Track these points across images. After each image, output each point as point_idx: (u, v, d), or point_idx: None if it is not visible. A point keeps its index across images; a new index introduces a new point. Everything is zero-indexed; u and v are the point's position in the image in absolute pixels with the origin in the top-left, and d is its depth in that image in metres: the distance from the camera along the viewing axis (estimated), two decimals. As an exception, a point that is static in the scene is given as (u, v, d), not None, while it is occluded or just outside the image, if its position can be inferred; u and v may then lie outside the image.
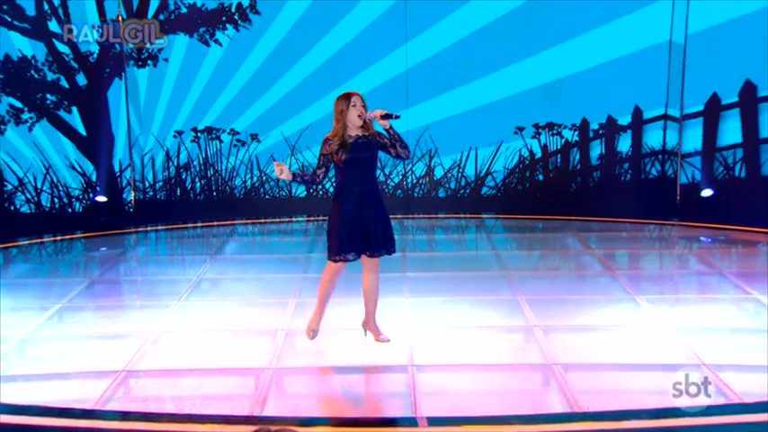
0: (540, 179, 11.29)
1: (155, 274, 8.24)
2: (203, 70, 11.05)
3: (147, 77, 10.97)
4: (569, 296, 6.97)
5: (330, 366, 5.49)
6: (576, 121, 11.09)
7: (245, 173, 11.32)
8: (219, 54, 11.01)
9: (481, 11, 10.90)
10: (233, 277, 8.01)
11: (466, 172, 11.34)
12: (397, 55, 10.99)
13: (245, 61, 11.04)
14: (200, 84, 11.07)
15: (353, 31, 10.95)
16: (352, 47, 10.97)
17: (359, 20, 10.94)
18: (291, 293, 7.11)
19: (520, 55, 10.92)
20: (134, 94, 10.95)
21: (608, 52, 10.79)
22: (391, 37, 10.95)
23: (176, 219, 11.12)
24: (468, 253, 9.31)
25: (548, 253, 9.13)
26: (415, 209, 11.37)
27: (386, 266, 8.09)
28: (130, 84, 10.89)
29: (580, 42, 10.82)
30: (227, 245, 9.84)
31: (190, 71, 11.03)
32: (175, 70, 10.99)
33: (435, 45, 10.96)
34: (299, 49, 11.00)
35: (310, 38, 10.98)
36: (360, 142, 5.50)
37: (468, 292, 7.10)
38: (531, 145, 11.21)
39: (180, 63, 10.97)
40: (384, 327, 5.99)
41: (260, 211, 11.33)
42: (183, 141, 11.24)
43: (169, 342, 6.01)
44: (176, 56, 10.98)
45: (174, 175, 11.27)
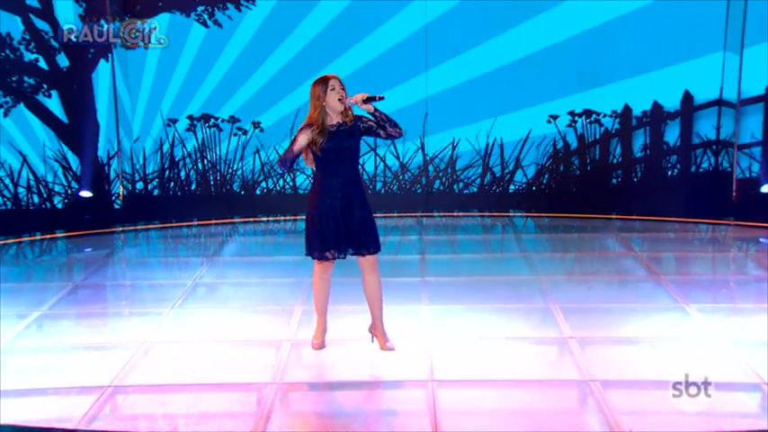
0: (575, 173, 11.25)
1: (145, 277, 8.26)
2: (200, 53, 11.07)
3: (137, 59, 11.02)
4: (609, 304, 6.94)
5: (341, 381, 5.50)
6: (616, 108, 11.03)
7: (247, 165, 11.34)
8: (219, 36, 11.02)
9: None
10: (233, 282, 8.02)
11: (492, 165, 11.31)
12: (416, 38, 10.98)
13: (247, 44, 11.05)
14: (197, 68, 11.09)
15: (374, 13, 10.96)
16: (374, 38, 10.98)
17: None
18: (298, 300, 7.13)
19: (552, 34, 10.89)
20: (122, 77, 10.99)
21: (654, 29, 10.73)
22: (411, 18, 10.95)
23: (170, 216, 11.15)
24: (495, 255, 9.29)
25: (584, 256, 9.09)
26: (435, 206, 11.35)
27: (403, 270, 8.14)
28: (118, 66, 10.93)
29: (621, 19, 10.78)
30: (227, 245, 9.85)
31: (186, 54, 11.06)
32: (169, 52, 11.02)
33: (457, 26, 10.94)
34: (307, 32, 11.00)
35: (320, 19, 10.99)
36: (342, 130, 5.54)
37: (494, 299, 7.09)
38: (565, 134, 11.17)
39: (174, 45, 11.00)
40: (400, 337, 5.99)
41: (263, 207, 11.35)
42: (178, 130, 11.27)
43: (161, 354, 6.02)
44: (170, 37, 11.00)
45: (167, 167, 11.30)
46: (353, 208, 5.57)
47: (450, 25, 10.93)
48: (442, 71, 11.05)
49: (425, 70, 11.00)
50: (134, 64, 11.01)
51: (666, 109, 10.96)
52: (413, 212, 11.27)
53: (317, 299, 5.81)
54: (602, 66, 10.85)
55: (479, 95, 11.05)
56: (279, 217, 11.28)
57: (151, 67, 11.09)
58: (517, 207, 11.29)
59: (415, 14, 10.97)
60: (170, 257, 9.54)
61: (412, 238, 10.17)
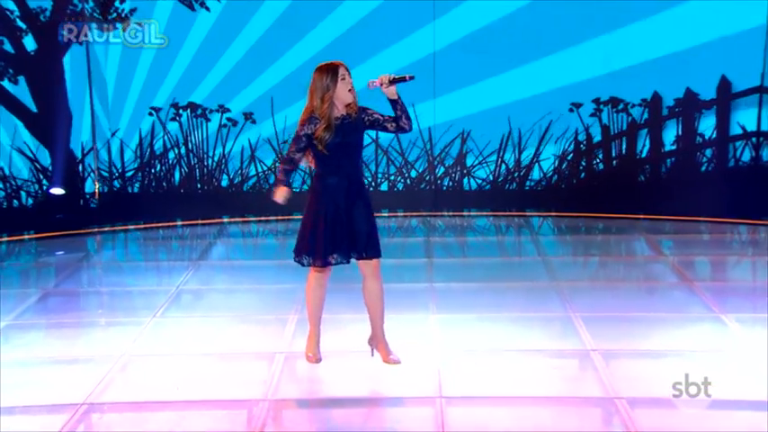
0: (599, 168, 11.24)
1: (124, 284, 8.27)
2: (188, 39, 11.07)
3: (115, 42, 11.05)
4: (636, 313, 6.93)
5: (339, 398, 5.49)
6: (645, 96, 11.03)
7: (238, 160, 11.34)
8: (208, 21, 11.02)
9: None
10: (221, 288, 8.02)
11: (506, 159, 11.31)
12: (424, 16, 10.98)
13: (242, 31, 11.05)
14: (184, 55, 11.11)
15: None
16: (372, 18, 10.99)
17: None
18: (293, 308, 7.12)
19: (576, 14, 10.88)
20: (99, 62, 10.99)
21: (687, 9, 10.72)
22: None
23: (151, 216, 11.16)
24: (510, 259, 9.28)
25: (609, 260, 9.08)
26: (444, 204, 11.35)
27: (408, 276, 8.13)
28: (94, 50, 10.94)
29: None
30: (215, 248, 9.85)
31: (172, 38, 11.05)
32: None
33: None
34: (308, 19, 11.01)
35: (321, 7, 10.99)
36: (346, 123, 5.52)
37: (509, 308, 7.09)
38: (589, 125, 11.16)
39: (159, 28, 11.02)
40: (405, 349, 5.99)
41: (254, 206, 11.36)
42: (162, 120, 11.27)
43: (141, 368, 6.02)
44: (154, 19, 11.00)
45: (149, 161, 11.31)
46: (357, 208, 5.57)
47: (464, 25, 10.94)
48: (450, 51, 11.04)
49: (433, 49, 10.98)
50: (111, 48, 11.01)
51: (701, 97, 10.95)
52: (419, 212, 11.25)
53: (312, 308, 5.80)
54: (630, 49, 10.84)
55: (493, 81, 11.04)
56: (271, 217, 11.27)
57: (131, 52, 11.10)
58: (534, 205, 11.30)
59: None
60: (151, 261, 9.53)
61: (418, 239, 10.15)
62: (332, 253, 5.58)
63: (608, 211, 10.91)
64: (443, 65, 11.04)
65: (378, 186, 11.29)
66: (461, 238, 10.26)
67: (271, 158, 11.35)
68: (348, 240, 5.57)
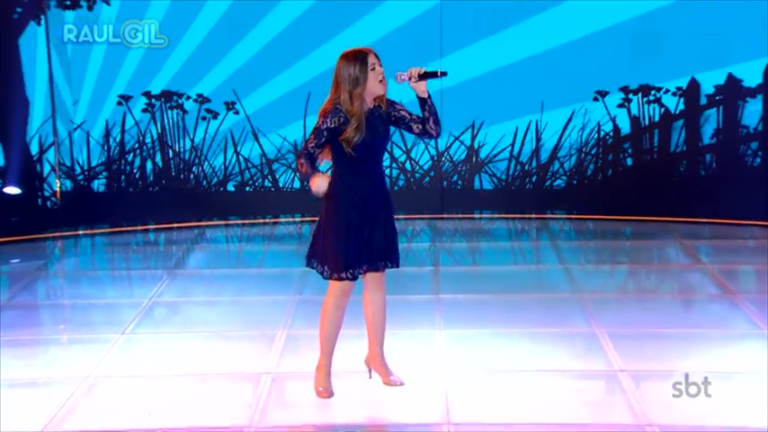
0: (628, 164, 11.22)
1: (89, 296, 8.26)
2: (160, 15, 11.07)
3: (79, 22, 11.00)
4: (670, 329, 6.92)
5: (333, 425, 5.46)
6: (681, 83, 11.01)
7: (219, 155, 11.33)
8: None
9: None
10: (199, 300, 8.02)
11: (523, 153, 11.30)
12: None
13: (225, 10, 11.05)
14: (156, 34, 11.11)
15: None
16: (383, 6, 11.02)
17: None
18: (280, 323, 7.12)
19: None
20: (60, 44, 10.98)
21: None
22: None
23: (120, 218, 11.14)
24: (527, 267, 9.28)
25: (639, 268, 9.07)
26: (452, 205, 11.34)
27: (411, 286, 8.13)
28: (54, 30, 10.93)
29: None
30: (192, 255, 9.85)
31: (139, 15, 11.02)
32: (126, 14, 10.97)
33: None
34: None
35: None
36: (375, 117, 5.52)
37: (526, 322, 7.08)
38: (616, 116, 11.15)
39: (132, 5, 10.99)
40: (408, 369, 5.97)
41: (237, 208, 11.35)
42: (131, 110, 11.27)
43: (109, 391, 6.00)
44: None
45: (117, 157, 11.30)
46: (382, 212, 5.57)
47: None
48: (460, 28, 11.03)
49: (440, 24, 10.98)
50: (74, 28, 11.01)
51: (745, 83, 10.94)
52: (424, 213, 11.25)
53: (329, 333, 5.71)
54: (663, 29, 10.83)
55: (508, 66, 11.03)
56: (257, 219, 11.25)
57: (98, 33, 11.10)
58: (554, 206, 11.28)
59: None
60: (120, 270, 9.53)
61: (423, 245, 10.15)
62: (362, 264, 5.55)
63: (638, 212, 10.91)
64: (451, 50, 11.03)
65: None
66: (471, 243, 10.25)
67: (256, 152, 11.32)
68: (373, 248, 5.56)
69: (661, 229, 10.46)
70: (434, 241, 10.23)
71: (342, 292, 5.62)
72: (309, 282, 8.17)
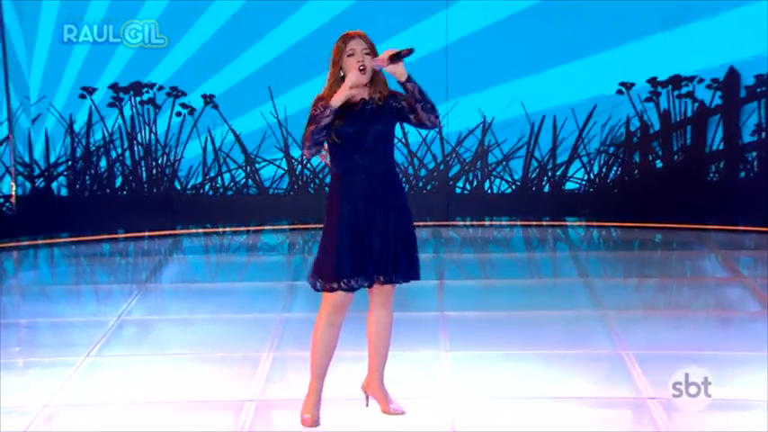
0: (657, 165, 11.24)
1: (49, 313, 8.25)
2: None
3: (34, 4, 11.03)
4: (706, 351, 6.92)
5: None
6: (717, 74, 11.04)
7: (197, 155, 11.35)
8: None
9: None
10: (174, 318, 8.02)
11: (539, 153, 11.33)
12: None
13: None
14: (127, 15, 11.13)
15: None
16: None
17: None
18: (265, 344, 7.11)
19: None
20: (13, 28, 11.00)
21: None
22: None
23: (85, 226, 11.16)
24: (543, 281, 9.30)
25: (670, 282, 9.08)
26: (459, 211, 11.36)
27: (414, 302, 8.09)
28: (7, 13, 10.94)
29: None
30: (166, 267, 9.85)
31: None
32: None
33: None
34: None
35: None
36: (368, 108, 5.55)
37: (542, 343, 7.08)
38: (643, 111, 11.17)
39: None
40: (410, 396, 5.96)
41: (217, 214, 11.38)
42: (96, 104, 11.28)
43: (72, 420, 5.96)
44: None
45: (80, 156, 11.31)
46: (387, 214, 5.57)
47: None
48: (466, 13, 11.07)
49: (446, 7, 11.02)
50: (31, 7, 11.02)
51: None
52: (427, 220, 11.26)
53: (319, 353, 5.71)
54: (696, 11, 10.84)
55: (520, 53, 11.06)
56: (239, 227, 11.27)
57: (56, 14, 11.11)
58: (574, 212, 11.31)
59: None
60: (85, 285, 9.53)
61: (426, 255, 10.15)
62: (353, 275, 5.55)
63: (669, 219, 10.93)
64: (459, 35, 11.09)
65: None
66: (481, 254, 10.26)
67: (238, 154, 11.35)
68: (372, 258, 5.55)
69: (695, 237, 10.48)
70: (439, 251, 10.23)
71: (335, 306, 5.61)
72: (298, 298, 8.17)
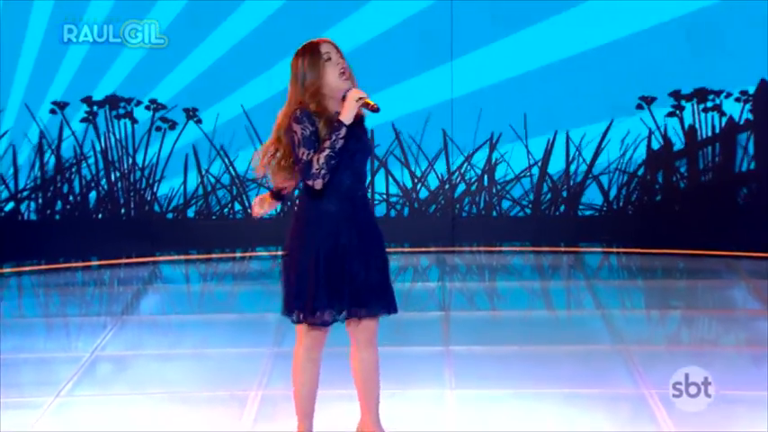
0: (681, 186, 11.24)
1: (16, 349, 8.22)
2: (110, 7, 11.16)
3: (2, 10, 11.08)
4: (736, 391, 6.89)
5: None
6: (746, 86, 11.05)
7: (178, 174, 11.34)
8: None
9: None
10: (153, 354, 8.01)
11: (552, 172, 11.33)
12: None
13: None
14: (97, 25, 11.16)
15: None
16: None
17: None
18: (254, 381, 7.10)
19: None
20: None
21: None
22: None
23: (55, 253, 11.16)
24: (557, 313, 9.29)
25: (696, 315, 9.08)
26: (465, 236, 11.36)
27: (416, 336, 8.10)
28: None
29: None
30: (144, 298, 9.84)
31: (90, 10, 11.14)
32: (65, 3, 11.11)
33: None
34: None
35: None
36: (349, 127, 5.48)
37: (557, 381, 7.07)
38: (665, 127, 11.18)
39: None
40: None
41: (200, 240, 11.39)
42: (68, 120, 11.28)
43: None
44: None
45: (51, 176, 11.30)
46: (364, 243, 5.52)
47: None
48: (476, 24, 11.09)
49: (450, 22, 11.06)
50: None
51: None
52: (431, 246, 11.25)
53: (300, 390, 5.71)
54: (724, 18, 10.86)
55: (534, 68, 11.08)
56: (224, 254, 11.25)
57: (31, 22, 11.15)
58: (590, 237, 11.30)
59: None
60: (55, 317, 9.50)
61: (430, 285, 10.13)
62: (327, 308, 5.51)
63: (694, 245, 10.94)
64: (463, 42, 11.10)
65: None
66: (489, 282, 10.25)
67: (222, 171, 11.36)
68: (347, 289, 5.51)
69: (724, 265, 10.48)
70: (444, 280, 10.21)
71: (312, 341, 5.59)
72: (290, 330, 8.11)
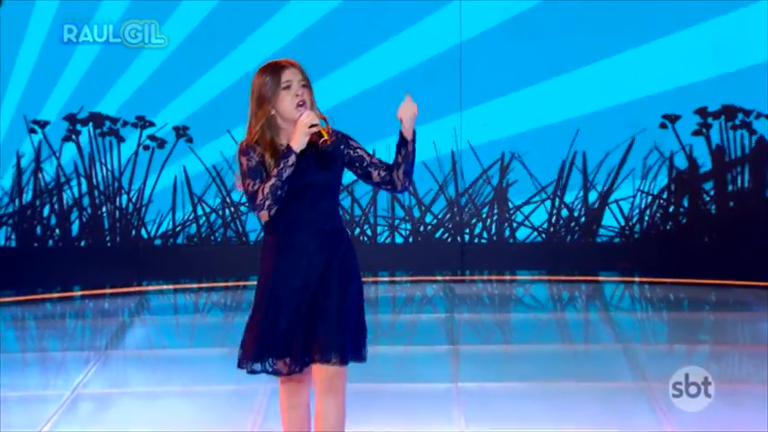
0: (710, 211, 11.19)
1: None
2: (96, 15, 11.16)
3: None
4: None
5: None
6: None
7: (167, 198, 11.31)
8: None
9: None
10: (139, 391, 7.98)
11: (568, 197, 11.28)
12: None
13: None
14: (86, 49, 11.14)
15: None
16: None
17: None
18: (248, 420, 7.05)
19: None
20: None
21: None
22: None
23: (35, 282, 11.15)
24: (574, 347, 9.25)
25: (726, 350, 9.02)
26: (475, 264, 11.31)
27: (422, 371, 8.04)
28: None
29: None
30: (130, 331, 9.80)
31: (61, 16, 11.13)
32: (41, 14, 11.09)
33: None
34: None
35: None
36: (309, 155, 5.40)
37: (574, 421, 7.03)
38: (691, 147, 11.14)
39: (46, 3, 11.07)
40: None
41: (190, 268, 11.35)
42: (49, 139, 11.25)
43: None
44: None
45: (31, 200, 11.26)
46: (326, 280, 5.43)
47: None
48: (484, 40, 11.09)
49: (459, 40, 11.04)
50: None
51: None
52: (437, 274, 11.19)
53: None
54: (751, 35, 10.83)
55: (549, 84, 11.05)
56: (216, 283, 11.21)
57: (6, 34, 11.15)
58: (610, 266, 11.25)
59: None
60: (33, 352, 9.45)
61: (437, 316, 10.07)
62: (270, 355, 5.39)
63: (722, 275, 10.89)
64: (473, 60, 11.07)
65: (375, 238, 11.24)
66: (500, 314, 10.18)
67: (215, 195, 11.32)
68: (307, 334, 5.41)
69: (754, 296, 10.42)
70: (452, 311, 10.16)
71: (289, 388, 5.47)
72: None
